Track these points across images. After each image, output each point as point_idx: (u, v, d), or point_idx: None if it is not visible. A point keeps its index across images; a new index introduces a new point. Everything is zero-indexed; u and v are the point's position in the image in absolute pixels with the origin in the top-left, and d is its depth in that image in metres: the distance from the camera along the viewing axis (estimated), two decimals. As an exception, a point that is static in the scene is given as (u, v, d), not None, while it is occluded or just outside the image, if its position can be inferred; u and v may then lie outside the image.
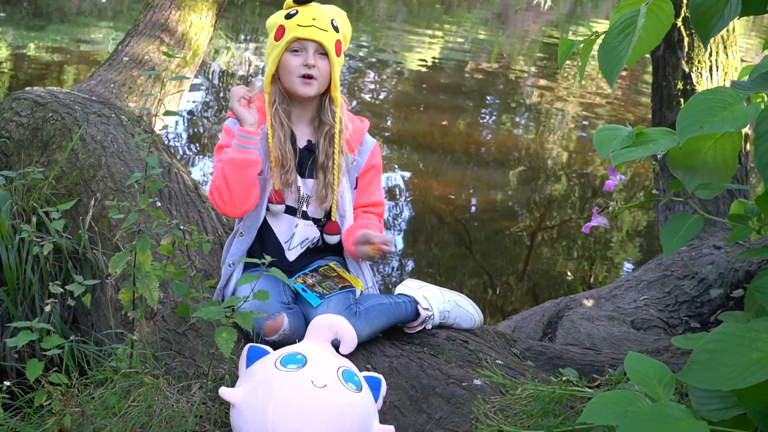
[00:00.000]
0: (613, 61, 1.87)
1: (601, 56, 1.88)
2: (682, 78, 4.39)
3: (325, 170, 2.75)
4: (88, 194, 3.38)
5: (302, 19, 2.68)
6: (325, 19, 2.70)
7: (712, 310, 3.66)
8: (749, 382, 1.39)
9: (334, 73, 2.72)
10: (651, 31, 1.87)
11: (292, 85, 2.71)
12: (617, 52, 1.87)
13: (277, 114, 2.71)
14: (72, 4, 14.39)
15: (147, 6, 5.61)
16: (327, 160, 2.74)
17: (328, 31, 2.69)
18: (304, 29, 2.66)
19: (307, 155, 2.77)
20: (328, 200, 2.76)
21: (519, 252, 6.39)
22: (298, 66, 2.68)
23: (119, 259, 2.35)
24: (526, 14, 18.38)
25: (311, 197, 2.78)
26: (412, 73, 11.73)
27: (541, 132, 9.48)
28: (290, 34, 2.67)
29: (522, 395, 2.20)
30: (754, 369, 1.38)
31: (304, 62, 2.67)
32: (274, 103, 2.72)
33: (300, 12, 2.69)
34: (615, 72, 1.86)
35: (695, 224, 1.86)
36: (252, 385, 2.11)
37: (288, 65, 2.70)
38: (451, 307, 2.80)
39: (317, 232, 2.83)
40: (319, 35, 2.67)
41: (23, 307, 3.15)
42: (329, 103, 2.76)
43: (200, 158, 7.47)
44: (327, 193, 2.75)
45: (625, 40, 1.86)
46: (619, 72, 1.86)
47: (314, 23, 2.67)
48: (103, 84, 4.68)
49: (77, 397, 2.27)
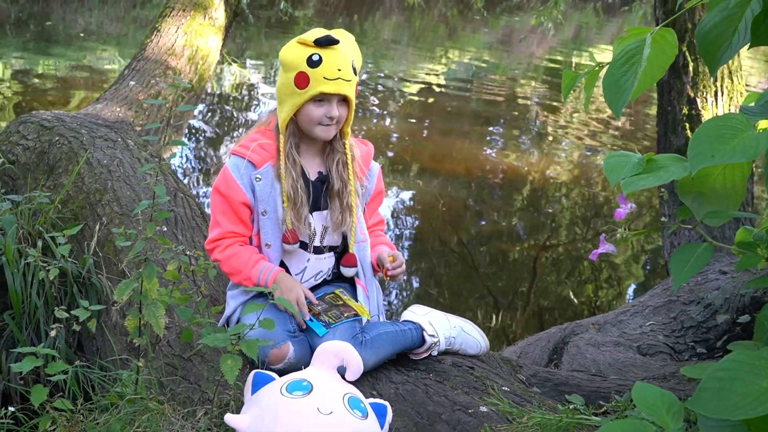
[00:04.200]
0: (618, 92, 1.86)
1: (607, 87, 1.87)
2: (687, 103, 4.40)
3: (341, 196, 2.74)
4: (93, 218, 3.38)
5: (328, 71, 2.58)
6: (348, 66, 2.62)
7: (718, 336, 3.65)
8: (759, 411, 1.38)
9: (351, 114, 2.71)
10: (655, 62, 1.87)
11: (312, 131, 2.68)
12: (622, 82, 1.86)
13: (290, 153, 2.69)
14: (78, 26, 14.46)
15: (153, 30, 5.65)
16: (343, 186, 2.74)
17: (351, 80, 2.63)
18: (331, 84, 2.59)
19: (320, 186, 2.75)
20: (346, 224, 2.75)
21: (525, 276, 6.38)
22: (320, 116, 2.64)
23: (125, 286, 2.35)
24: (530, 38, 18.44)
25: (327, 227, 2.77)
26: (415, 97, 11.76)
27: (546, 155, 9.48)
28: (316, 89, 2.59)
29: (529, 423, 2.18)
30: (764, 398, 1.38)
31: (327, 114, 2.63)
32: (288, 143, 2.69)
33: (324, 60, 2.58)
34: (621, 103, 1.86)
35: (705, 253, 1.86)
36: (258, 411, 2.10)
37: (311, 115, 2.65)
38: (456, 333, 2.79)
39: (332, 263, 2.83)
40: (344, 89, 2.61)
41: (28, 331, 3.14)
42: (341, 136, 2.75)
43: (206, 181, 7.47)
44: (345, 217, 2.74)
45: (630, 70, 1.86)
46: (625, 103, 1.86)
47: (340, 75, 2.59)
48: (109, 108, 4.69)
49: (82, 423, 2.26)
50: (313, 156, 2.78)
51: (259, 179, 2.66)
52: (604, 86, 1.91)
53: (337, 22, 18.81)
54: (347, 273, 2.80)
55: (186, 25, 5.60)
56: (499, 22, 21.83)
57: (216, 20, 5.81)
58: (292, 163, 2.68)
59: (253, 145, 2.70)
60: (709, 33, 1.88)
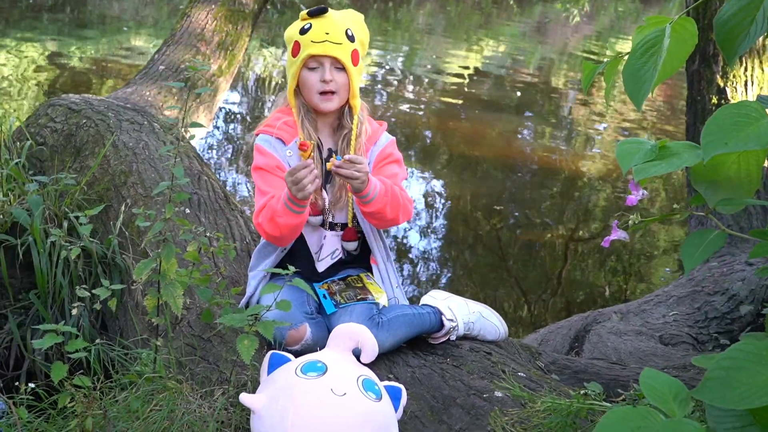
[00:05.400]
0: (638, 84, 1.84)
1: (626, 79, 1.85)
2: (716, 92, 4.35)
3: None
4: (118, 200, 3.42)
5: (316, 34, 2.66)
6: (338, 31, 2.68)
7: (742, 327, 3.62)
8: (765, 401, 1.37)
9: (353, 83, 2.73)
10: (675, 52, 1.84)
11: (313, 100, 2.73)
12: (642, 73, 1.84)
13: (304, 126, 2.73)
14: (113, 11, 14.57)
15: (184, 15, 5.68)
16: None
17: (342, 44, 2.68)
18: (318, 45, 2.66)
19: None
20: (342, 201, 2.77)
21: (553, 264, 6.36)
22: (316, 82, 2.69)
23: (144, 266, 2.38)
24: (565, 26, 18.31)
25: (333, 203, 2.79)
26: (449, 85, 11.73)
27: (578, 144, 9.43)
28: (305, 52, 2.67)
29: (541, 408, 2.19)
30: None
31: (321, 78, 2.68)
32: (300, 115, 2.74)
33: (313, 26, 2.68)
34: (641, 94, 1.83)
35: (716, 240, 1.84)
36: (272, 392, 2.12)
37: (306, 82, 2.71)
38: (476, 318, 2.80)
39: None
40: (333, 50, 2.67)
41: (53, 310, 3.20)
42: (349, 110, 2.78)
43: (234, 165, 7.52)
44: (341, 194, 2.76)
45: (649, 61, 1.83)
46: (646, 94, 1.83)
47: (328, 38, 2.66)
48: (138, 92, 4.73)
49: (100, 400, 2.29)
50: (327, 135, 2.82)
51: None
52: (624, 77, 1.89)
53: (372, 8, 18.81)
54: (347, 247, 2.81)
55: (216, 10, 5.62)
56: (534, 9, 21.71)
57: (246, 5, 5.82)
58: (308, 136, 2.72)
59: (278, 123, 2.74)
60: (727, 22, 1.85)
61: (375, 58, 12.57)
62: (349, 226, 2.79)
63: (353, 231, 2.80)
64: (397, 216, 2.71)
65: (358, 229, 2.81)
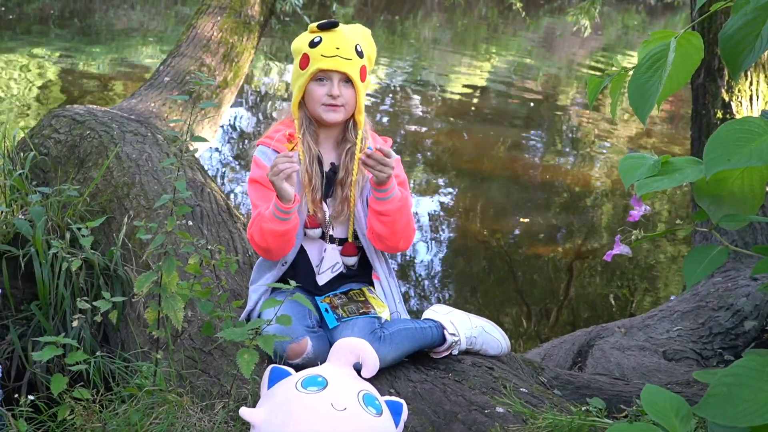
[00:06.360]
0: (644, 98, 1.84)
1: (632, 93, 1.85)
2: (721, 107, 4.35)
3: (343, 186, 2.75)
4: (121, 212, 3.42)
5: (326, 48, 2.66)
6: (348, 46, 2.68)
7: (746, 343, 3.60)
8: (767, 419, 1.36)
9: (360, 98, 2.73)
10: (681, 66, 1.84)
11: (318, 112, 2.72)
12: (647, 87, 1.84)
13: (305, 138, 2.73)
14: (120, 23, 14.62)
15: (189, 27, 5.70)
16: (347, 176, 2.75)
17: (351, 59, 2.67)
18: (328, 60, 2.65)
19: (332, 177, 2.77)
20: (343, 214, 2.76)
21: (556, 278, 6.34)
22: (322, 95, 2.69)
23: (145, 279, 2.37)
24: (572, 39, 18.32)
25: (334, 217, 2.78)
26: (455, 98, 11.74)
27: (584, 159, 9.42)
28: (314, 66, 2.66)
29: (542, 425, 2.17)
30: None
31: (329, 92, 2.68)
32: (303, 127, 2.73)
33: (324, 40, 2.67)
34: (647, 109, 1.83)
35: (719, 256, 1.83)
36: (272, 406, 2.11)
37: (313, 94, 2.70)
38: (478, 332, 2.78)
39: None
40: (343, 66, 2.66)
41: (55, 322, 3.19)
42: (353, 126, 2.77)
43: (238, 177, 7.52)
44: (343, 208, 2.75)
45: (655, 75, 1.83)
46: (651, 108, 1.83)
47: (338, 53, 2.65)
48: (143, 103, 4.74)
49: (100, 413, 2.28)
50: (330, 149, 2.81)
51: None
52: (629, 92, 1.88)
53: (379, 20, 18.85)
54: (347, 262, 2.80)
55: (221, 22, 5.64)
56: (540, 22, 21.72)
57: (252, 18, 5.83)
58: (308, 149, 2.72)
59: (277, 135, 2.74)
60: (732, 37, 1.85)
61: (380, 69, 12.59)
62: (349, 241, 2.79)
63: (353, 246, 2.79)
64: (404, 231, 2.71)
65: (358, 244, 2.80)
